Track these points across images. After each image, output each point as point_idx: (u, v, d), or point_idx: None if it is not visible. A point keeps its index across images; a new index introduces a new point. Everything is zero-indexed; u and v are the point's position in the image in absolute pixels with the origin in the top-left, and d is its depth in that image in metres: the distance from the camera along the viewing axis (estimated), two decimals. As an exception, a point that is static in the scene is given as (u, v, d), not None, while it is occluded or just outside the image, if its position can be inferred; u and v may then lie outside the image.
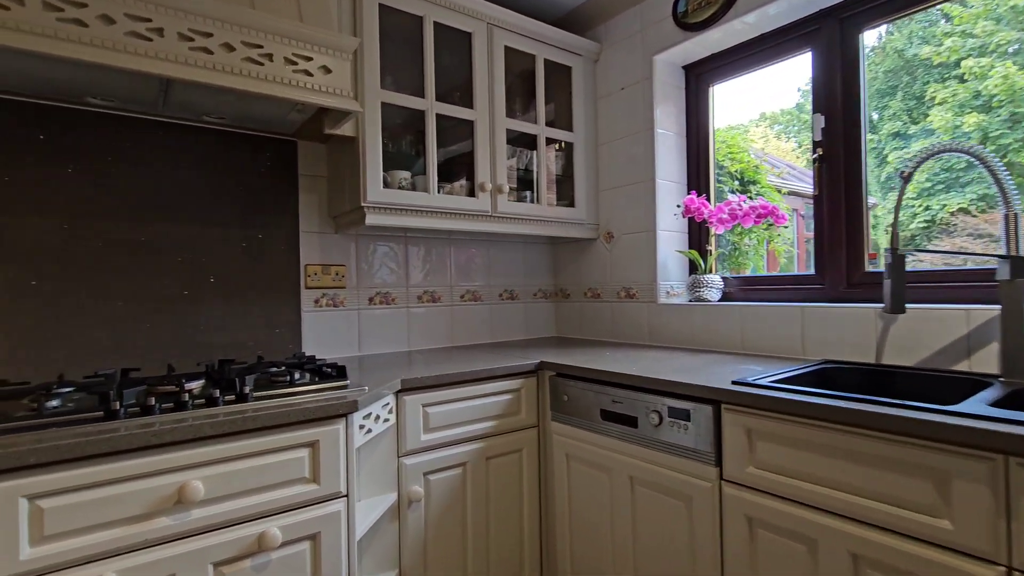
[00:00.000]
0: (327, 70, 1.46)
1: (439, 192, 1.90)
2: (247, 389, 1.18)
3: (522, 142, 2.21)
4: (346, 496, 1.21)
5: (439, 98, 1.88)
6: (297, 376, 1.34)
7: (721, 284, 2.05)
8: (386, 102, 1.75)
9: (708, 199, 2.15)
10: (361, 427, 1.28)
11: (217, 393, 1.15)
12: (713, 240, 2.17)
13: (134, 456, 0.97)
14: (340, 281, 1.99)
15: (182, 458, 1.02)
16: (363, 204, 1.70)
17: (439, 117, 1.88)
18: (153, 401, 1.08)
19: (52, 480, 0.90)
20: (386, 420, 1.41)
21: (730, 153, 2.55)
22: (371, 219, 1.73)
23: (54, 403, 1.10)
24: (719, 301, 2.04)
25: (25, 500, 0.88)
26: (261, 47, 1.36)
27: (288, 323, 1.88)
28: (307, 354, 1.90)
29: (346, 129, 1.69)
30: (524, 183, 2.23)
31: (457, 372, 1.57)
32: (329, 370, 1.42)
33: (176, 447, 1.02)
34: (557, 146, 2.35)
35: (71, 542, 0.92)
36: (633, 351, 1.94)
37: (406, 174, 1.84)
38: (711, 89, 2.20)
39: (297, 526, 1.14)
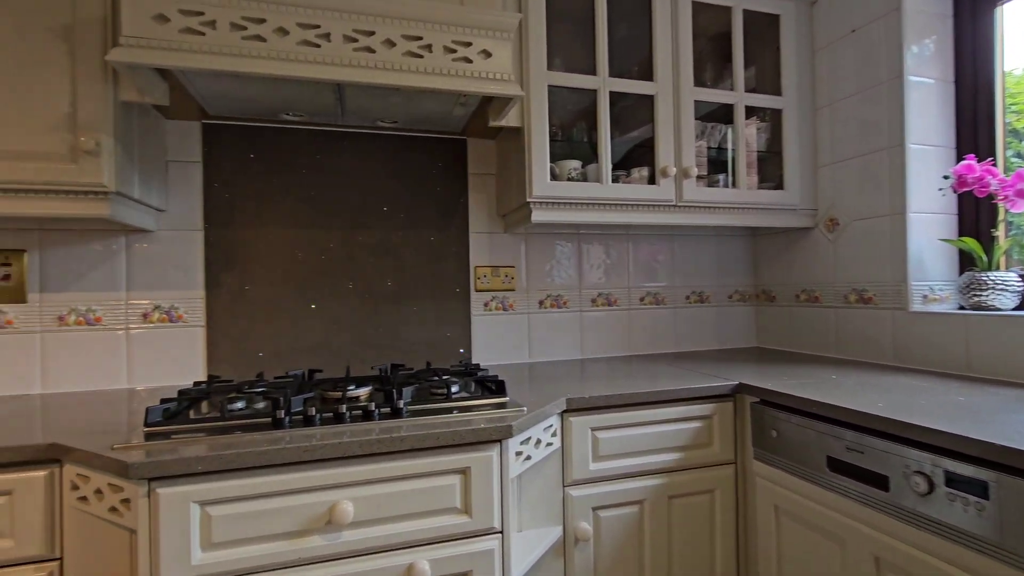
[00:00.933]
0: (487, 54, 1.34)
1: (614, 181, 1.66)
2: (401, 403, 1.11)
3: (714, 117, 1.85)
4: (500, 533, 1.07)
5: (614, 75, 1.64)
6: (455, 389, 1.24)
7: (1020, 284, 1.43)
8: (554, 85, 1.58)
9: (994, 165, 1.53)
10: (519, 454, 1.12)
11: (373, 406, 1.09)
12: (1002, 225, 1.54)
13: (290, 470, 0.95)
14: (510, 283, 1.89)
15: (334, 476, 0.97)
16: (528, 199, 1.55)
17: (614, 98, 1.64)
18: (314, 411, 1.06)
19: (219, 488, 0.91)
20: (549, 444, 1.23)
21: (1013, 104, 1.82)
22: (537, 215, 1.57)
23: (238, 405, 1.15)
24: (1016, 310, 1.43)
25: (197, 506, 0.91)
26: (420, 38, 1.29)
27: (459, 326, 1.84)
28: (474, 361, 1.84)
29: (511, 119, 1.56)
30: (717, 165, 1.86)
31: (632, 392, 1.33)
32: (490, 384, 1.29)
33: (328, 464, 0.97)
34: (759, 117, 1.93)
35: (235, 551, 0.92)
36: (871, 375, 1.46)
37: (576, 164, 1.65)
38: (998, 9, 1.57)
39: (447, 561, 1.02)
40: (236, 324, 1.66)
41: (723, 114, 1.83)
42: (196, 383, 1.38)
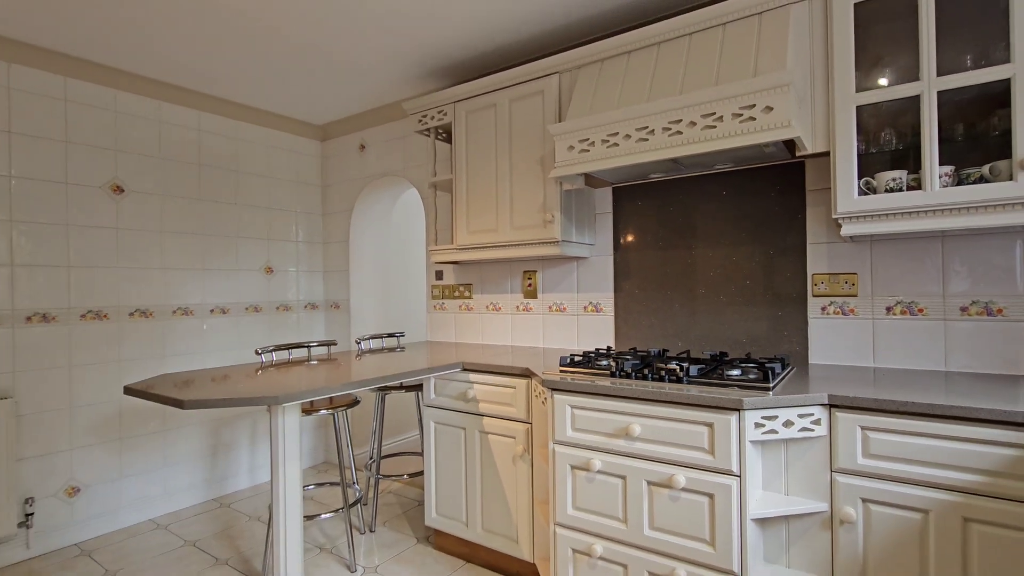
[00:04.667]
0: (769, 109, 1.66)
1: (964, 183, 1.56)
2: (682, 376, 1.67)
3: None
4: (738, 476, 1.47)
5: (944, 73, 1.55)
6: (734, 372, 1.67)
7: None
8: (864, 104, 1.65)
9: None
10: (759, 425, 1.47)
11: (663, 374, 1.70)
12: None
13: (630, 403, 1.70)
14: (850, 289, 1.97)
15: (629, 407, 1.66)
16: (834, 215, 1.70)
17: (947, 99, 1.54)
18: (630, 371, 1.77)
19: (575, 400, 1.77)
20: (807, 429, 1.49)
21: None
22: (848, 229, 1.69)
23: (603, 363, 1.99)
24: None
25: (568, 406, 1.79)
26: (713, 113, 1.76)
27: (795, 328, 2.08)
28: (812, 360, 2.05)
29: (817, 146, 1.75)
30: None
31: (908, 400, 1.37)
32: (765, 372, 1.64)
33: (628, 400, 1.67)
34: None
35: (583, 435, 1.76)
36: None
37: (896, 175, 1.64)
38: None
39: (697, 481, 1.53)
40: (629, 315, 2.51)
41: None
42: (596, 349, 2.31)
